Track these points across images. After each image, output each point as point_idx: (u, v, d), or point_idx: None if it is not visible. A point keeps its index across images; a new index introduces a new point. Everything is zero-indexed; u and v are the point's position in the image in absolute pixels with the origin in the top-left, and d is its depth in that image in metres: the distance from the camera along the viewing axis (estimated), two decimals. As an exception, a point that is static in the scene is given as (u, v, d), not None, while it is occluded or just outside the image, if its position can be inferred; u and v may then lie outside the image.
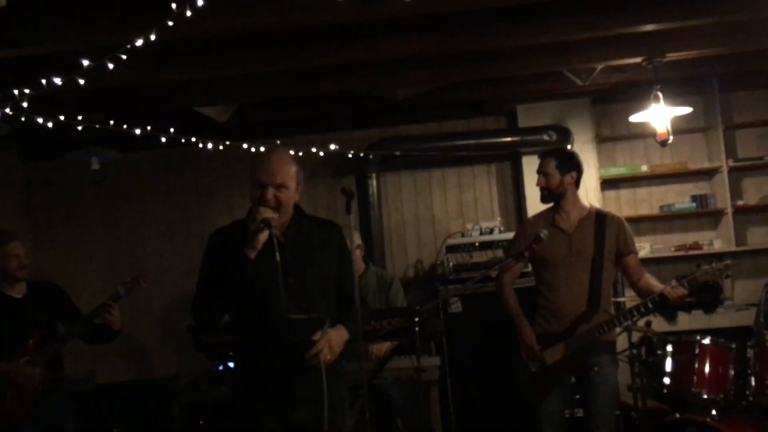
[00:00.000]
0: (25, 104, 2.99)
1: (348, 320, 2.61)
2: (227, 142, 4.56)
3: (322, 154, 4.99)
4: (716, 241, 5.86)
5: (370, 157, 5.64)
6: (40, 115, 3.53)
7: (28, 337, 3.61)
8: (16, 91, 2.95)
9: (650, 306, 3.43)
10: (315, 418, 2.47)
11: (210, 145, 4.52)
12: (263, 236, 2.47)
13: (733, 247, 5.74)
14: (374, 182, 5.80)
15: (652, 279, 3.59)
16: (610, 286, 3.64)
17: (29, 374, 3.54)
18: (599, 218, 3.60)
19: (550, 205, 3.70)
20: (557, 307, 3.55)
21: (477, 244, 5.54)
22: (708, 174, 6.01)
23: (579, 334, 3.46)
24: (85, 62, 2.77)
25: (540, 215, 3.77)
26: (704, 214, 5.98)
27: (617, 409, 3.68)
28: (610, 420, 3.51)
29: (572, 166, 3.64)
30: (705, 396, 3.44)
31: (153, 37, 2.71)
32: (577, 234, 3.57)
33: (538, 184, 3.67)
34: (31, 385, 3.55)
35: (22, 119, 3.34)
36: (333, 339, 2.51)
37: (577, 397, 3.67)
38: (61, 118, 3.60)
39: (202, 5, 2.58)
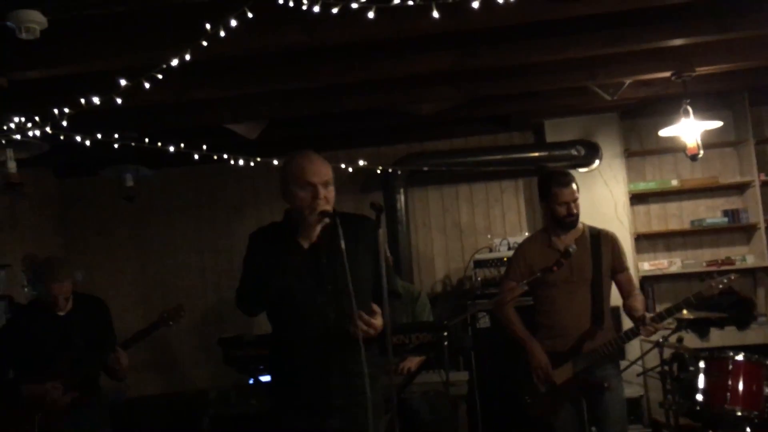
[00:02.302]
0: (64, 123, 3.06)
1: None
2: (258, 159, 4.62)
3: (351, 169, 5.02)
4: (749, 256, 5.78)
5: (398, 172, 5.67)
6: (75, 133, 3.61)
7: (64, 357, 3.59)
8: (56, 110, 3.02)
9: (630, 336, 3.45)
10: (351, 425, 2.49)
11: (241, 162, 4.58)
12: (319, 228, 2.48)
13: (766, 262, 5.66)
14: (402, 198, 5.82)
15: (638, 301, 3.54)
16: (609, 302, 3.61)
17: (55, 399, 3.52)
18: (593, 236, 3.57)
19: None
20: (561, 326, 3.52)
21: (505, 259, 5.51)
22: (739, 188, 5.94)
23: (585, 352, 3.45)
24: (122, 81, 2.84)
25: (533, 238, 3.74)
26: (736, 229, 5.91)
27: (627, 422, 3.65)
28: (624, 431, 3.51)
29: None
30: (738, 413, 3.40)
31: (188, 57, 2.77)
32: (575, 254, 3.47)
33: (575, 211, 3.51)
34: (57, 407, 3.52)
35: (61, 138, 3.42)
36: (377, 326, 2.46)
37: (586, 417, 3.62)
38: (99, 136, 3.68)
39: (235, 25, 2.64)
